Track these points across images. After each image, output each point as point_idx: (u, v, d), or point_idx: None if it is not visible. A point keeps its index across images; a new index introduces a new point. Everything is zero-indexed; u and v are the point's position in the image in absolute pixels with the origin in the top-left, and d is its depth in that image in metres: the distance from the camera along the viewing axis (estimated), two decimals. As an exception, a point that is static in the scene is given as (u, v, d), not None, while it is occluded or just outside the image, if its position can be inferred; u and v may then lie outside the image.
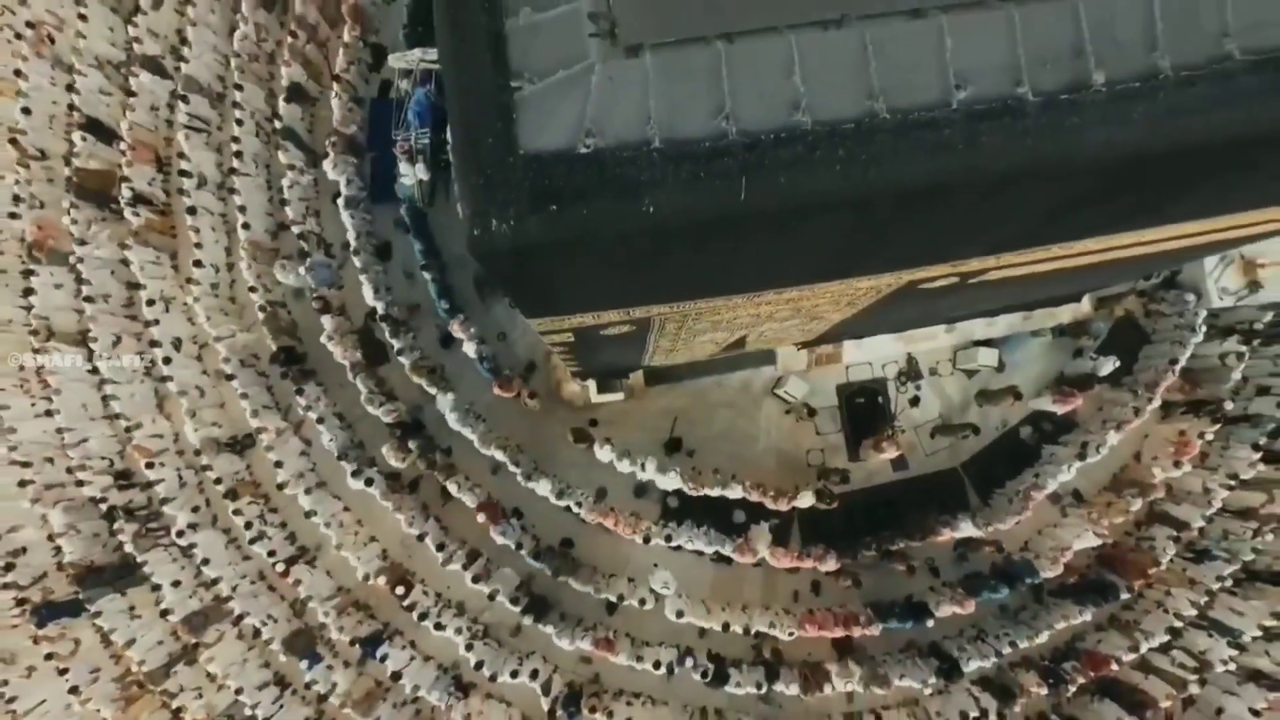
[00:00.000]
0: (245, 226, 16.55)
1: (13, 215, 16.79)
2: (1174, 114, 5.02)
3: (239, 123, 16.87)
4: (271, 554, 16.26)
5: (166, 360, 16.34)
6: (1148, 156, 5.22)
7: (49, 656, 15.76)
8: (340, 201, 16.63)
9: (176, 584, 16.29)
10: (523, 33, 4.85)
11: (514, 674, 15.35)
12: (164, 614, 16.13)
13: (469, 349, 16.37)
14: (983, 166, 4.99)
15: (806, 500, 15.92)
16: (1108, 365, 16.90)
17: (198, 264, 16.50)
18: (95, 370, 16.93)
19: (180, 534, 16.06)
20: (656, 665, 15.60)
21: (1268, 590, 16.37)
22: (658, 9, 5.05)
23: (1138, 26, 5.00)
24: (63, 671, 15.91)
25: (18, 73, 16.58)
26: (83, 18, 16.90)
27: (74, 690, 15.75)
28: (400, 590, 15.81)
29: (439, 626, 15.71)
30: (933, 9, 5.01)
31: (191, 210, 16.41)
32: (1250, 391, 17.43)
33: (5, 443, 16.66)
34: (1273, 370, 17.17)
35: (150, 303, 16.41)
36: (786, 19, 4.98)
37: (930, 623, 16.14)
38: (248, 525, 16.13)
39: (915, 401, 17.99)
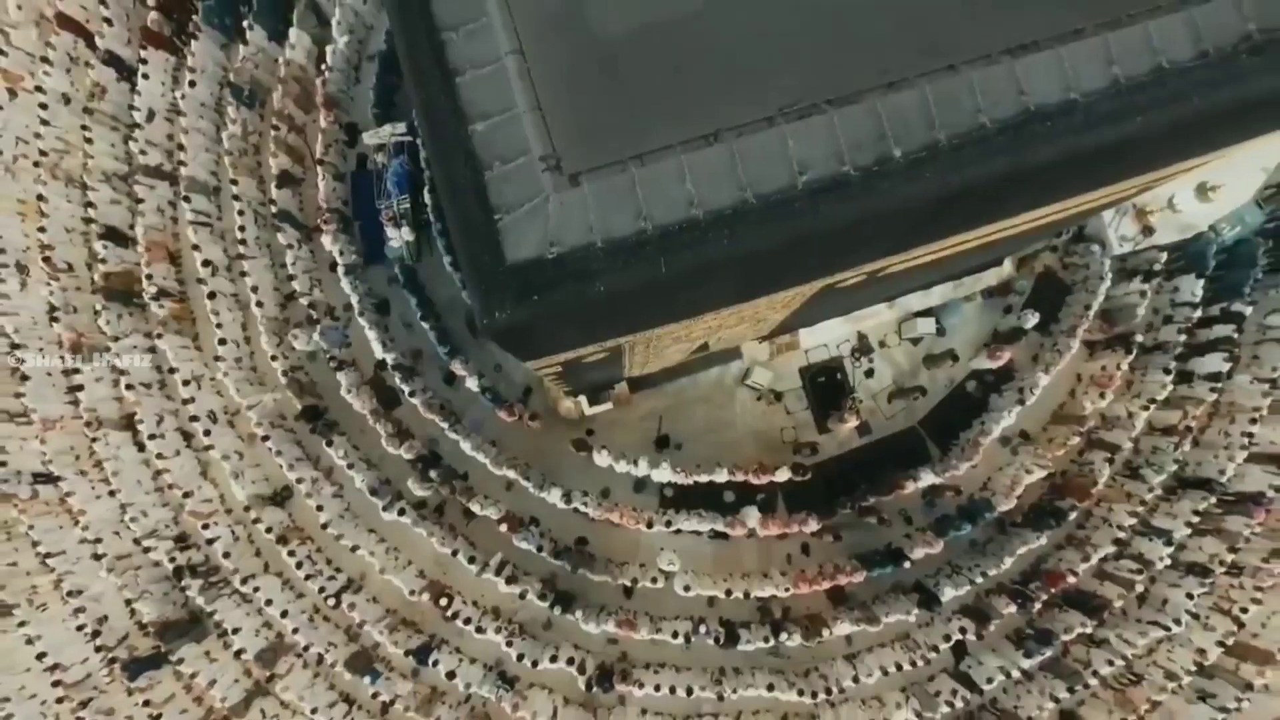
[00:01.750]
0: (259, 304, 18.61)
1: (53, 320, 18.77)
2: (953, 168, 7.24)
3: (240, 213, 18.90)
4: (322, 589, 18.37)
5: (206, 432, 18.38)
6: (942, 197, 7.44)
7: (146, 703, 17.84)
8: (340, 270, 18.76)
9: (237, 630, 18.32)
10: (497, 180, 7.02)
11: (553, 659, 17.51)
12: (238, 654, 18.22)
13: (471, 383, 18.55)
14: (825, 226, 7.18)
15: (784, 475, 18.16)
16: (1031, 319, 19.22)
17: (221, 342, 18.51)
18: (141, 449, 19.05)
19: (244, 581, 18.13)
20: (675, 636, 17.87)
21: (1190, 493, 18.70)
22: (587, 144, 7.24)
23: (919, 112, 7.22)
24: (156, 718, 17.96)
25: (40, 197, 18.60)
26: (88, 140, 18.93)
27: (169, 732, 17.86)
28: (443, 602, 17.95)
29: (480, 630, 17.83)
30: (779, 118, 7.22)
31: (211, 295, 18.47)
32: (1158, 322, 19.73)
33: (76, 522, 18.74)
34: (1174, 301, 19.44)
35: (185, 383, 18.44)
36: (678, 138, 7.18)
37: (908, 565, 18.42)
38: (299, 565, 18.20)
39: (870, 373, 20.28)
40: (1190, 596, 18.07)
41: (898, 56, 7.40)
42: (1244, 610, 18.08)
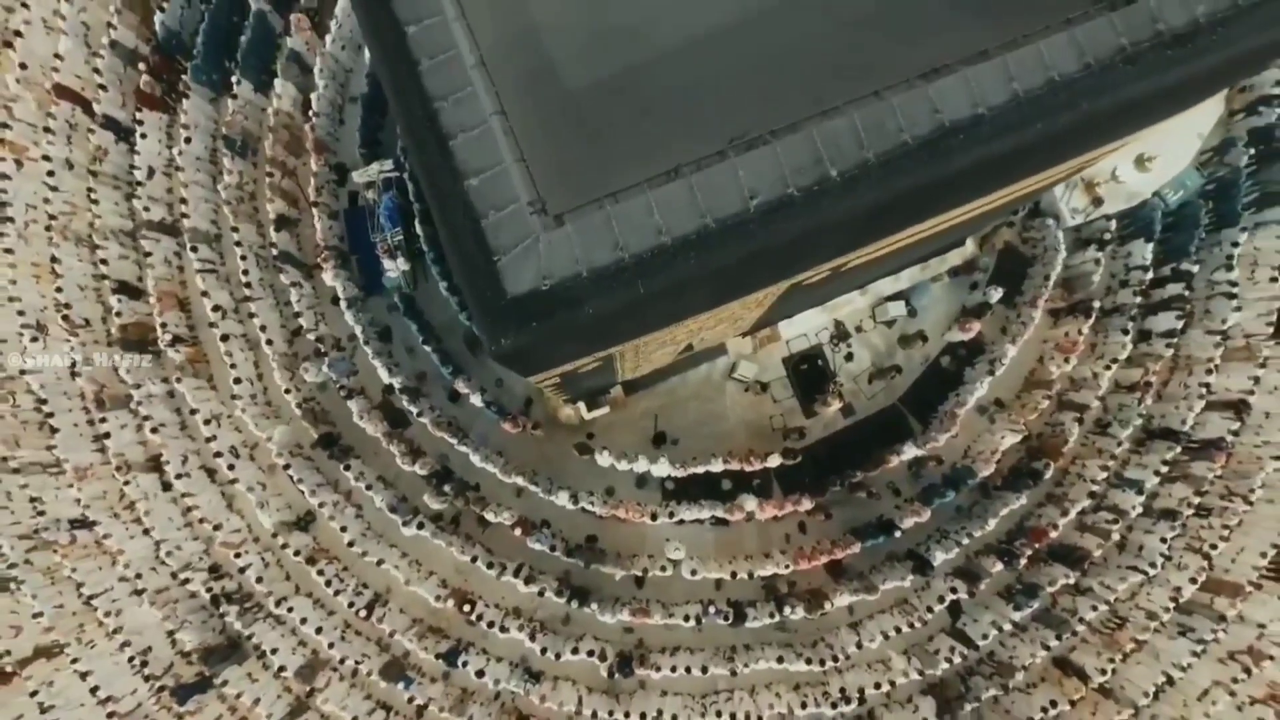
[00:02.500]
0: (269, 342, 19.70)
1: (74, 374, 19.88)
2: (882, 182, 8.41)
3: (243, 257, 19.99)
4: (352, 604, 19.48)
5: (230, 467, 19.49)
6: (876, 207, 8.62)
7: (196, 726, 19.03)
8: (342, 304, 19.87)
9: (275, 650, 19.44)
10: (493, 226, 8.17)
11: (574, 651, 18.66)
12: (278, 672, 19.36)
13: (475, 400, 19.70)
14: (777, 240, 8.35)
15: (776, 460, 19.36)
16: (995, 293, 20.47)
17: (236, 381, 19.59)
18: (169, 488, 20.15)
19: (278, 603, 19.26)
20: (686, 619, 19.05)
21: (1156, 444, 19.97)
22: (568, 188, 8.42)
23: (850, 136, 8.40)
24: (207, 738, 19.15)
25: (53, 258, 19.68)
26: (94, 201, 20.01)
27: (220, 750, 18.99)
28: (466, 608, 19.09)
29: (504, 629, 18.98)
30: (729, 151, 8.39)
31: (224, 338, 19.56)
32: (1115, 286, 20.97)
33: (114, 562, 19.86)
34: (1127, 265, 20.69)
35: (206, 422, 19.56)
36: (644, 176, 8.34)
37: (899, 534, 19.62)
38: (328, 584, 19.31)
39: (849, 358, 21.48)
40: (1164, 540, 19.37)
41: (829, 88, 8.58)
42: (1213, 548, 19.35)
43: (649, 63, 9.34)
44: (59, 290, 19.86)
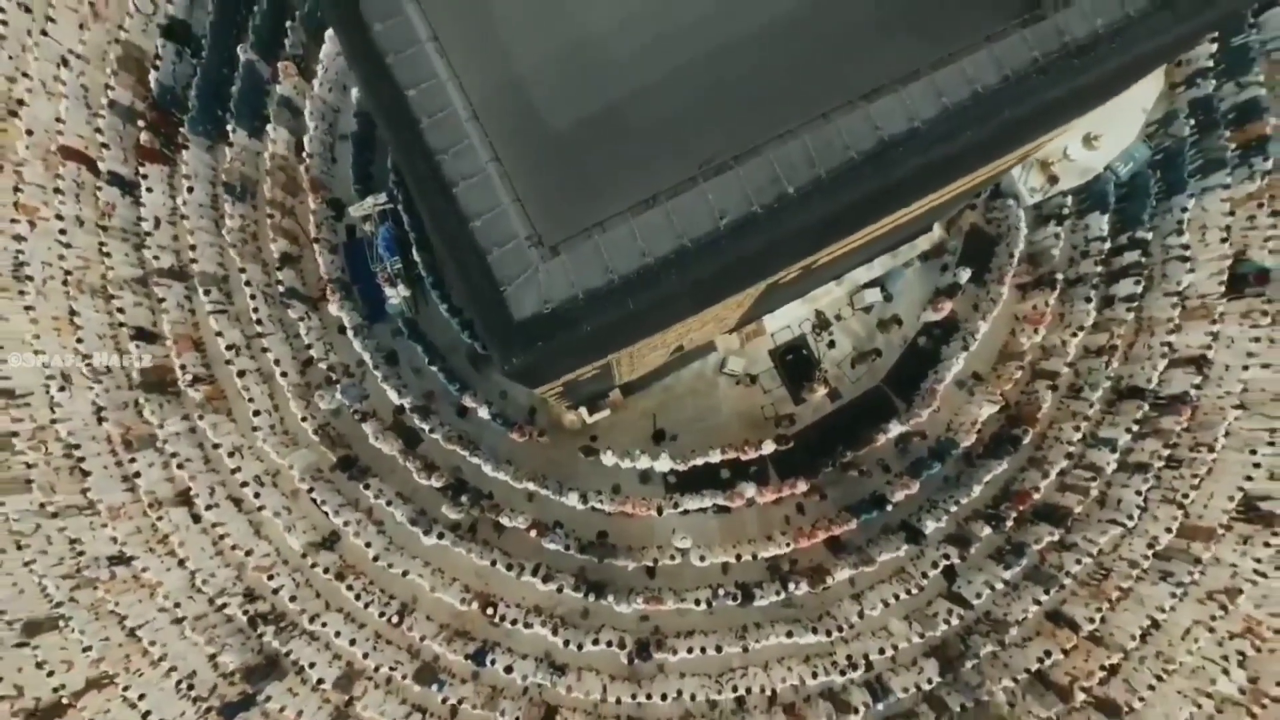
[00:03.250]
0: (283, 374, 20.82)
1: (100, 419, 20.97)
2: (834, 194, 9.57)
3: (251, 296, 21.09)
4: (382, 614, 20.60)
5: (256, 495, 20.61)
6: (830, 215, 9.79)
7: (245, 742, 20.12)
8: (349, 332, 20.95)
9: (313, 664, 20.57)
10: (497, 261, 9.32)
11: (595, 642, 19.79)
12: (317, 685, 20.45)
13: (482, 413, 20.80)
14: (743, 253, 9.51)
15: (770, 447, 20.51)
16: (965, 273, 21.66)
17: (255, 413, 20.71)
18: (198, 519, 21.24)
19: (311, 620, 20.37)
20: (698, 604, 20.20)
21: (1126, 403, 21.20)
22: (560, 222, 9.57)
23: (803, 157, 9.56)
24: (254, 754, 20.24)
25: (71, 311, 20.76)
26: (106, 254, 21.08)
27: (268, 764, 20.08)
28: (490, 610, 20.21)
29: (527, 626, 20.15)
30: (699, 177, 9.55)
31: (240, 373, 20.67)
32: (1077, 257, 22.19)
33: (153, 593, 20.95)
34: (1086, 238, 21.92)
35: (229, 455, 20.67)
36: (626, 206, 9.50)
37: (891, 507, 20.82)
38: (357, 597, 20.44)
39: (832, 345, 22.68)
40: (1139, 493, 20.62)
41: (783, 114, 9.75)
42: (1185, 496, 20.59)
43: (622, 101, 10.49)
44: (79, 341, 20.93)
